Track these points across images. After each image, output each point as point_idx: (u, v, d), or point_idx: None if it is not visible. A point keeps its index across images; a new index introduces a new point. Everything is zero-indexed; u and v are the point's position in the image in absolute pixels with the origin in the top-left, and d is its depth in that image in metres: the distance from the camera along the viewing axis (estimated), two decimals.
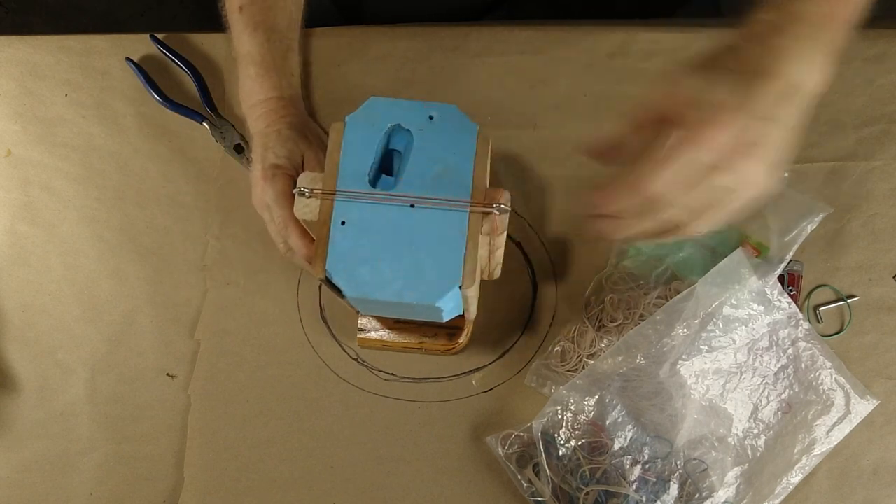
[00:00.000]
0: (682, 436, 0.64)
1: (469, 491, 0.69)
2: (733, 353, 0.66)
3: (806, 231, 0.69)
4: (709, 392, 0.66)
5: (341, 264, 0.54)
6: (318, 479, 0.69)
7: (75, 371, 0.72)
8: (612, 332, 0.69)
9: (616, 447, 0.65)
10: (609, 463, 0.65)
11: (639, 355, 0.65)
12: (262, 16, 0.70)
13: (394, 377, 0.72)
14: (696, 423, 0.65)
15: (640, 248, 0.72)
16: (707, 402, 0.66)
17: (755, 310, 0.67)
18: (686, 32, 0.78)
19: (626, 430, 0.66)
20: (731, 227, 0.71)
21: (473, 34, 0.80)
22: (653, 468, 0.65)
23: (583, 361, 0.68)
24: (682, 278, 0.70)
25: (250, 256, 0.75)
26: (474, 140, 0.56)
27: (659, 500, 0.64)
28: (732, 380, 0.67)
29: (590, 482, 0.64)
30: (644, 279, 0.71)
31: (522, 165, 0.76)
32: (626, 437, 0.65)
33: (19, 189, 0.77)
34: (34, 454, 0.71)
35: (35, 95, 0.79)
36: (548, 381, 0.69)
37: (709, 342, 0.65)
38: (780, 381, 0.68)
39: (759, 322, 0.67)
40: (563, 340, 0.70)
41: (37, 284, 0.74)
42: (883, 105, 0.76)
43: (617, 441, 0.65)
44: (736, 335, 0.66)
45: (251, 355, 0.72)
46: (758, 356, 0.67)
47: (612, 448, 0.65)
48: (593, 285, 0.72)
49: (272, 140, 0.67)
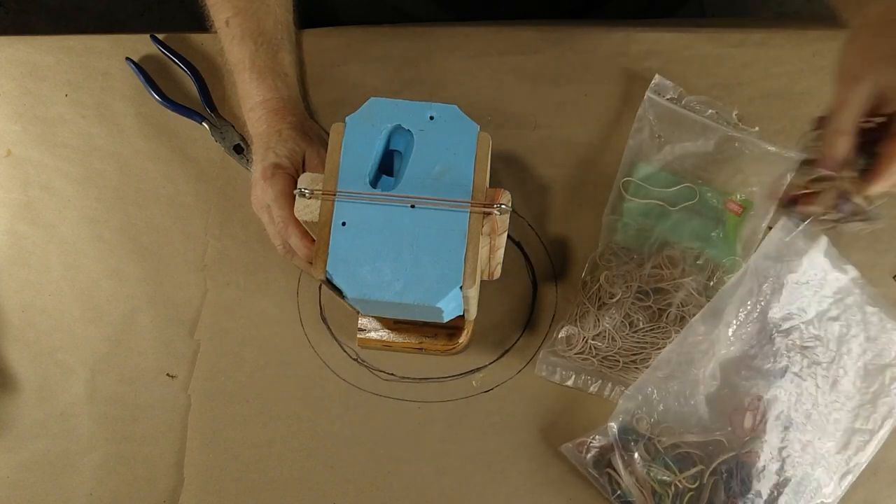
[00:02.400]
0: (770, 416, 0.65)
1: (469, 491, 0.69)
2: (804, 326, 0.66)
3: (786, 180, 0.69)
4: (790, 369, 0.65)
5: (342, 265, 0.54)
6: (318, 479, 0.69)
7: (75, 371, 0.72)
8: (613, 307, 0.69)
9: (693, 439, 0.65)
10: (694, 453, 0.65)
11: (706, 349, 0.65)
12: (247, 24, 0.70)
13: (394, 377, 0.72)
14: (778, 402, 0.65)
15: (627, 221, 0.72)
16: (790, 380, 0.65)
17: (817, 278, 0.66)
18: (686, 32, 0.78)
19: (703, 416, 0.65)
20: (714, 189, 0.72)
21: (473, 34, 0.80)
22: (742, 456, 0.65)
23: (589, 343, 0.69)
24: (673, 244, 0.71)
25: (250, 256, 0.75)
26: (474, 140, 0.56)
27: (751, 486, 0.64)
28: (810, 354, 0.66)
29: (675, 475, 0.64)
30: (637, 251, 0.71)
31: (522, 165, 0.76)
32: (705, 424, 0.65)
33: (19, 189, 0.77)
34: (34, 454, 0.71)
35: (35, 95, 0.79)
36: (557, 367, 0.70)
37: (777, 324, 0.65)
38: (854, 349, 0.67)
39: (825, 290, 0.67)
40: (567, 325, 0.70)
41: (37, 284, 0.74)
42: None
43: (696, 430, 0.65)
44: (805, 307, 0.66)
45: (251, 355, 0.72)
46: (828, 326, 0.67)
47: (692, 439, 0.65)
48: (588, 265, 0.72)
49: (273, 140, 0.67)
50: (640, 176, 0.73)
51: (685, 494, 0.63)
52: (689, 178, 0.73)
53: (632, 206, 0.73)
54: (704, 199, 0.72)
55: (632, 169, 0.74)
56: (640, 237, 0.72)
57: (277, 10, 0.72)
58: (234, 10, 0.70)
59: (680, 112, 0.74)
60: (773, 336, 0.66)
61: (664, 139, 0.74)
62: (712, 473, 0.64)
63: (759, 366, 0.66)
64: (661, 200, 0.73)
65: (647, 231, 0.72)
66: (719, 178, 0.73)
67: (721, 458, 0.64)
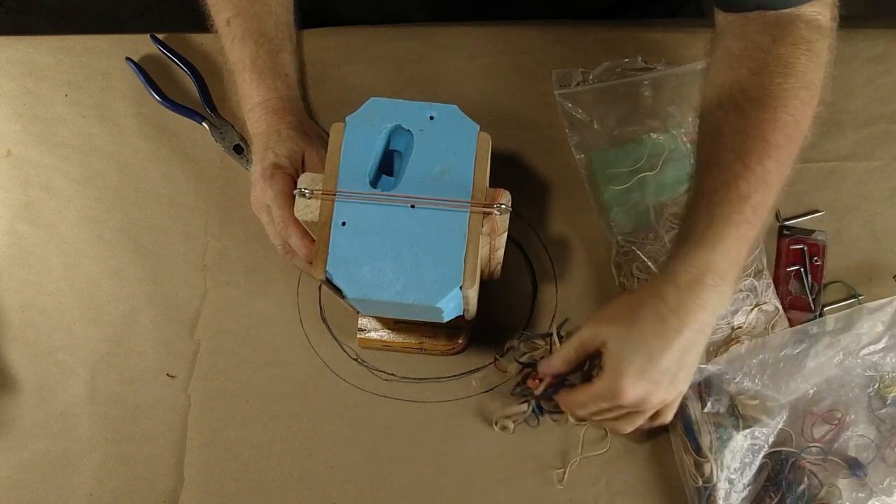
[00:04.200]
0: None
1: (469, 491, 0.69)
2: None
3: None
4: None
5: (342, 265, 0.54)
6: (318, 479, 0.69)
7: (75, 371, 0.72)
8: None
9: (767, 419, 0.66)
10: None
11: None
12: (248, 24, 0.70)
13: (394, 377, 0.72)
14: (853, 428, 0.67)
15: (618, 209, 0.73)
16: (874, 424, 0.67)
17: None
18: (686, 33, 0.78)
19: (784, 405, 0.66)
20: (666, 132, 0.74)
21: (473, 34, 0.80)
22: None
23: None
24: (668, 201, 0.72)
25: (250, 256, 0.75)
26: (474, 140, 0.56)
27: (792, 492, 0.65)
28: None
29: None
30: (644, 229, 0.72)
31: (522, 165, 0.76)
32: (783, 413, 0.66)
33: (19, 189, 0.77)
34: (34, 454, 0.71)
35: (35, 95, 0.79)
36: None
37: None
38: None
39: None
40: None
41: (37, 284, 0.74)
42: (883, 105, 0.76)
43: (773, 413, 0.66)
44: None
45: (251, 355, 0.72)
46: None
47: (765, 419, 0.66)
48: (614, 270, 0.72)
49: (273, 140, 0.67)
50: (598, 165, 0.74)
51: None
52: (639, 139, 0.74)
53: (613, 195, 0.73)
54: (661, 146, 0.73)
55: (589, 163, 0.74)
56: (639, 216, 0.72)
57: (278, 11, 0.72)
58: (235, 11, 0.70)
59: (592, 89, 0.75)
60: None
61: (595, 120, 0.75)
62: (766, 456, 0.65)
63: (856, 393, 0.67)
64: (630, 173, 0.73)
65: (640, 206, 0.73)
66: (663, 120, 0.74)
67: (779, 448, 0.65)
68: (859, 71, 0.77)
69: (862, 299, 0.71)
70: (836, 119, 0.76)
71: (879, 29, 0.78)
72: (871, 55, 0.77)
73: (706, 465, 0.64)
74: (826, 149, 0.75)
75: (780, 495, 0.64)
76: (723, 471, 0.64)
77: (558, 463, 0.69)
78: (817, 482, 0.65)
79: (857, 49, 0.77)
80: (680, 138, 0.73)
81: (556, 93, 0.75)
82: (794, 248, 0.72)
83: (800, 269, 0.71)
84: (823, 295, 0.72)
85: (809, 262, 0.71)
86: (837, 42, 0.62)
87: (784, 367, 0.66)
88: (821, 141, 0.75)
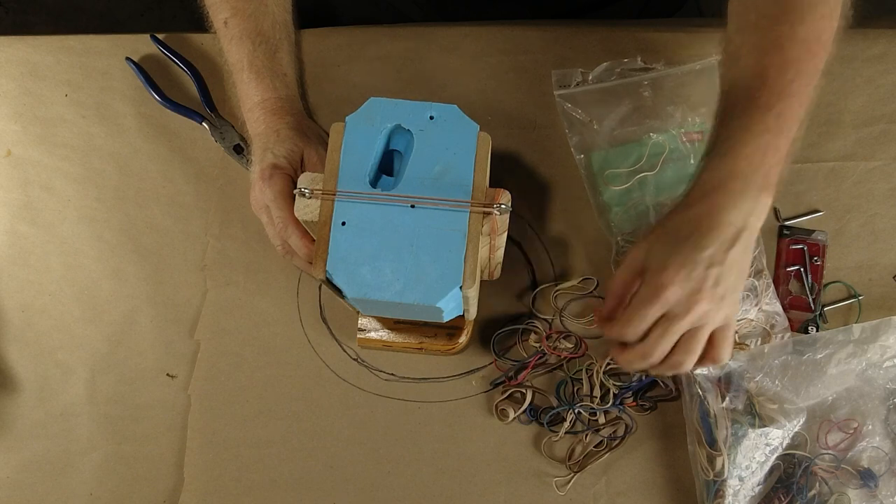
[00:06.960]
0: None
1: (469, 491, 0.69)
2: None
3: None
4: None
5: (342, 265, 0.54)
6: (318, 479, 0.69)
7: (75, 371, 0.72)
8: None
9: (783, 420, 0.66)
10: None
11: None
12: (245, 24, 0.71)
13: (394, 377, 0.72)
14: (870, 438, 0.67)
15: (617, 210, 0.73)
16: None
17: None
18: (685, 33, 0.78)
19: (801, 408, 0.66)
20: (666, 132, 0.73)
21: (473, 34, 0.80)
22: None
23: None
24: (667, 201, 0.72)
25: (250, 256, 0.75)
26: (474, 140, 0.56)
27: (802, 497, 0.65)
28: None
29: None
30: (647, 225, 0.72)
31: (522, 165, 0.76)
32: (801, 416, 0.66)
33: (19, 189, 0.77)
34: (34, 454, 0.71)
35: (35, 95, 0.79)
36: None
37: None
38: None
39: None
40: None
41: (37, 284, 0.74)
42: (883, 105, 0.76)
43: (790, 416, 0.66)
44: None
45: (251, 355, 0.72)
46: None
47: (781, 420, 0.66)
48: (615, 271, 0.72)
49: (272, 140, 0.67)
50: (598, 165, 0.74)
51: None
52: (638, 139, 0.74)
53: (613, 195, 0.73)
54: (661, 146, 0.73)
55: (589, 164, 0.74)
56: (639, 216, 0.72)
57: (275, 11, 0.73)
58: (233, 11, 0.71)
59: (591, 90, 0.75)
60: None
61: (594, 121, 0.75)
62: (779, 458, 0.65)
63: (875, 405, 0.66)
64: (629, 173, 0.73)
65: (640, 206, 0.72)
66: (662, 121, 0.74)
67: (793, 451, 0.65)
68: (859, 71, 0.77)
69: (862, 299, 0.71)
70: (836, 119, 0.76)
71: (879, 29, 0.78)
72: (871, 55, 0.77)
73: (719, 458, 0.64)
74: (826, 149, 0.75)
75: (790, 498, 0.64)
76: (735, 467, 0.64)
77: (558, 463, 0.69)
78: (828, 489, 0.65)
79: (857, 49, 0.77)
80: (679, 138, 0.73)
81: (555, 93, 0.75)
82: (793, 248, 0.72)
83: (800, 269, 0.71)
84: (823, 295, 0.72)
85: (809, 262, 0.71)
86: (837, 42, 0.62)
87: (805, 371, 0.66)
88: (821, 141, 0.75)
